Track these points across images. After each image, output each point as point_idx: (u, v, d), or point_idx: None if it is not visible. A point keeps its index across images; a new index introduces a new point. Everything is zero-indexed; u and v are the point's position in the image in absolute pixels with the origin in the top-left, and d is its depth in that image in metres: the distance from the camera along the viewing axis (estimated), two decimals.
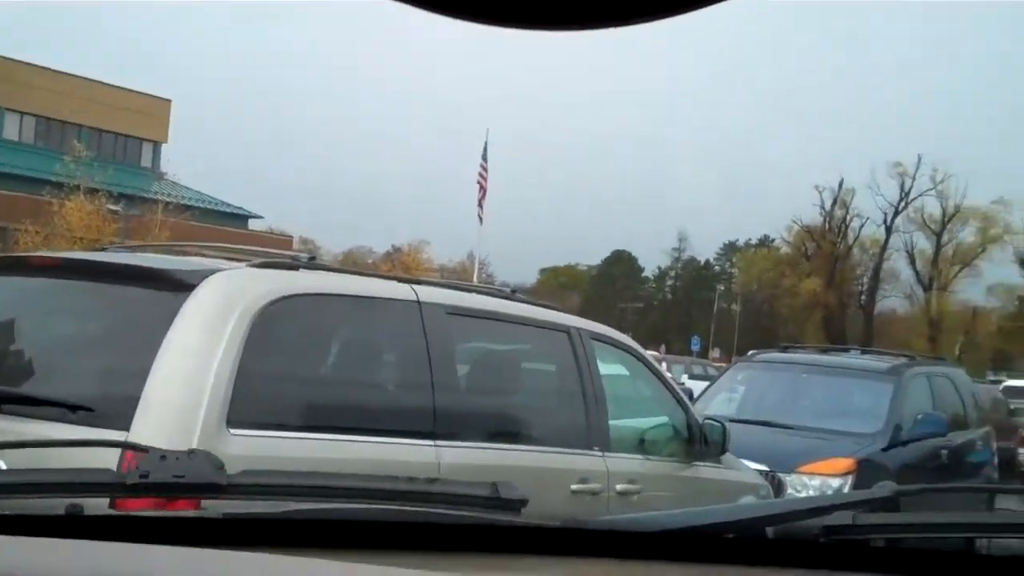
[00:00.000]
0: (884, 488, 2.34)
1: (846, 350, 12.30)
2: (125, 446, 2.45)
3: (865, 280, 65.69)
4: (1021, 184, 69.02)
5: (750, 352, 11.43)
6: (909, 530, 1.98)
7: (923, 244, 62.80)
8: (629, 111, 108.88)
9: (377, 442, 3.84)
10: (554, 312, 5.38)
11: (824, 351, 12.25)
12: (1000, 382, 34.98)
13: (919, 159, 59.47)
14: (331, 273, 4.36)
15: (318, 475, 2.03)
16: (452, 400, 4.29)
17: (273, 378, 3.72)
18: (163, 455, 1.85)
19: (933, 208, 61.62)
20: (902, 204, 61.70)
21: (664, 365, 24.70)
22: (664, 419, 5.85)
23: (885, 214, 62.22)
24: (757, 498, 6.17)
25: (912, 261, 62.95)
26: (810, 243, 65.08)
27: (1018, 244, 61.50)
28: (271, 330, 3.64)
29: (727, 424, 6.30)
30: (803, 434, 8.84)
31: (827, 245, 63.90)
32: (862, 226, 64.18)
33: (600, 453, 4.97)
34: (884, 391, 9.36)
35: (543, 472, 4.49)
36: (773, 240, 70.88)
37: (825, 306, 63.03)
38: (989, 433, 11.71)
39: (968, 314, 62.76)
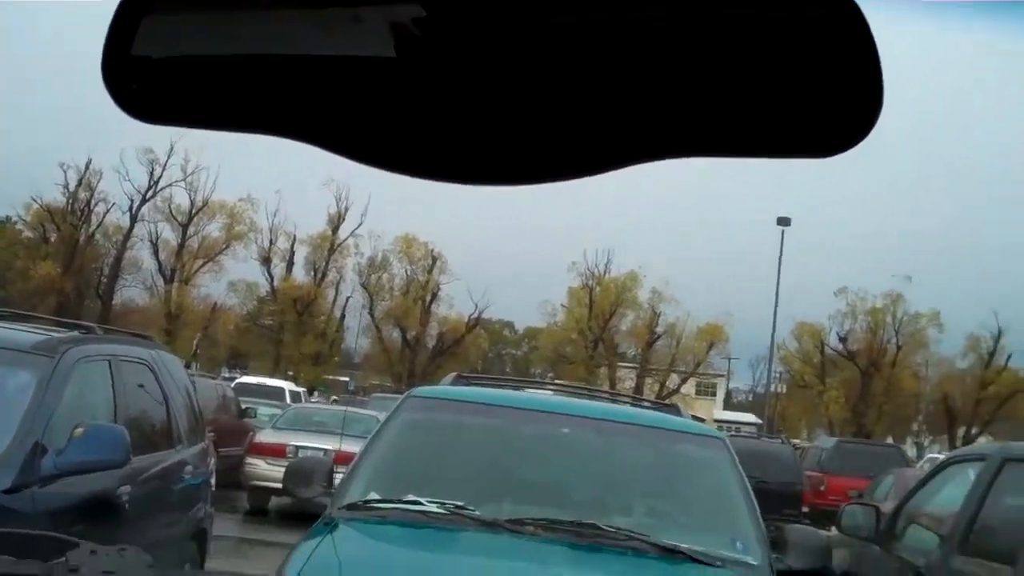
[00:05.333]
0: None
1: None
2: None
3: (107, 268, 61.32)
4: (266, 182, 68.16)
5: None
6: None
7: (168, 235, 60.06)
8: None
9: None
10: None
11: None
12: (234, 379, 33.59)
13: (171, 147, 56.60)
14: None
15: None
16: None
17: None
18: (93, 549, 1.97)
19: (182, 199, 59.15)
20: (150, 192, 58.54)
21: None
22: None
23: (132, 201, 58.55)
24: None
25: (156, 251, 60.03)
26: (50, 225, 59.26)
27: (261, 242, 61.13)
28: None
29: None
30: None
31: (68, 228, 58.67)
32: (107, 211, 59.78)
33: None
34: (22, 384, 5.32)
35: None
36: (14, 220, 63.38)
37: (60, 292, 57.73)
38: (206, 449, 8.19)
39: (208, 310, 61.07)
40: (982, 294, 61.98)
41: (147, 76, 1.30)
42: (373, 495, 4.77)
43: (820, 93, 1.16)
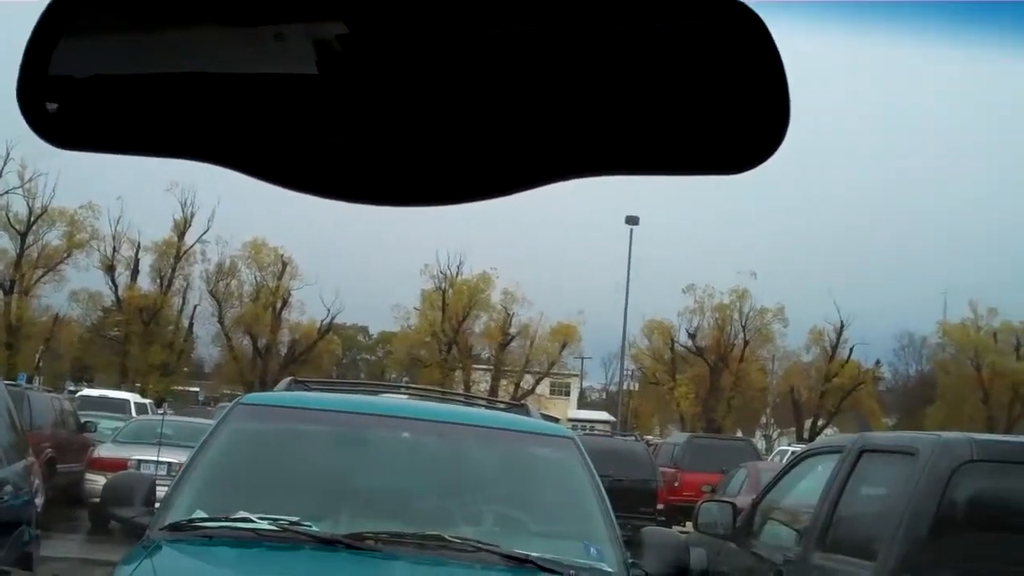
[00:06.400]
0: None
1: None
2: None
3: None
4: (108, 188, 65.94)
5: None
6: None
7: (7, 244, 57.66)
8: None
9: None
10: None
11: None
12: (78, 391, 32.50)
13: (7, 153, 54.34)
14: None
15: None
16: None
17: None
18: None
19: (20, 207, 56.78)
20: None
21: None
22: None
23: None
24: None
25: None
26: None
27: (104, 250, 59.14)
28: None
29: None
30: None
31: None
32: None
33: None
34: None
35: None
36: None
37: None
38: (30, 467, 7.69)
39: (50, 321, 58.92)
40: (824, 287, 63.89)
41: (64, 98, 1.23)
42: (199, 513, 4.38)
43: (729, 112, 1.19)
